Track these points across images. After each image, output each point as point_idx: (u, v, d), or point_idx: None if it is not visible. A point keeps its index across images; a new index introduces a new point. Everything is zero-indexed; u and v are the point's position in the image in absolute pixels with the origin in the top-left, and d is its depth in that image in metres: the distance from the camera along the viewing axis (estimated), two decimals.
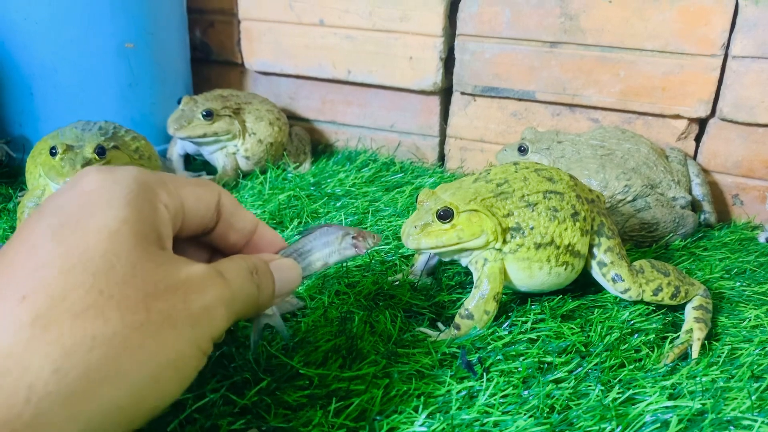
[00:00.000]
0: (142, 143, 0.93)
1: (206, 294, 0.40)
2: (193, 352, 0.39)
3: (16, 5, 0.98)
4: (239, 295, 0.44)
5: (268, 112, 1.12)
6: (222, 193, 0.48)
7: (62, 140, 0.83)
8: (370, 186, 1.07)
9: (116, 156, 0.84)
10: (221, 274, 0.42)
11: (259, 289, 0.46)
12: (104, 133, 0.87)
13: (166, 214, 0.42)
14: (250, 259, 0.47)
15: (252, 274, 0.46)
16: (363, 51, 1.14)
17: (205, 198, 0.47)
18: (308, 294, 0.74)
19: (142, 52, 1.07)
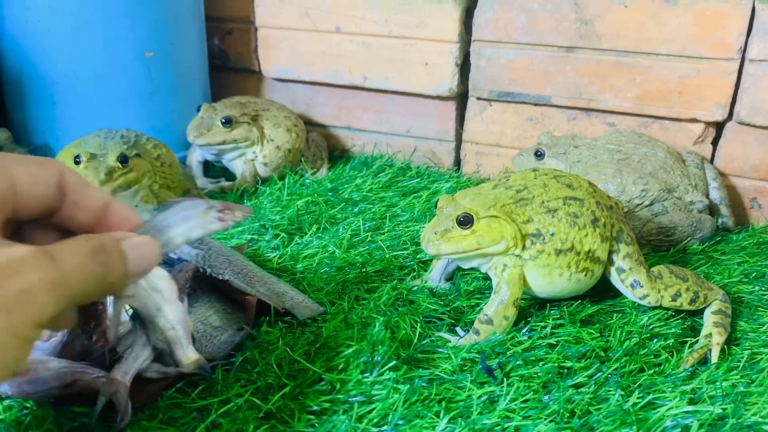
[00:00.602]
0: (163, 151, 0.94)
1: (25, 277, 0.37)
2: (10, 340, 0.37)
3: (39, 16, 1.00)
4: (74, 276, 0.40)
5: (285, 118, 1.13)
6: (65, 171, 0.45)
7: (85, 149, 0.84)
8: (386, 191, 1.08)
9: (138, 164, 0.86)
10: (50, 254, 0.39)
11: (105, 268, 0.43)
12: (126, 142, 0.88)
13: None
14: (96, 238, 0.44)
15: (95, 254, 0.42)
16: (379, 57, 1.15)
17: (43, 177, 0.44)
18: (328, 299, 0.75)
19: (161, 60, 1.08)
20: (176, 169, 0.96)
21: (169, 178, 0.94)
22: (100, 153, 0.83)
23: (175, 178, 0.96)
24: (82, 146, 0.87)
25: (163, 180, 0.92)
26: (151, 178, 0.89)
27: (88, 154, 0.82)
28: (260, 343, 0.66)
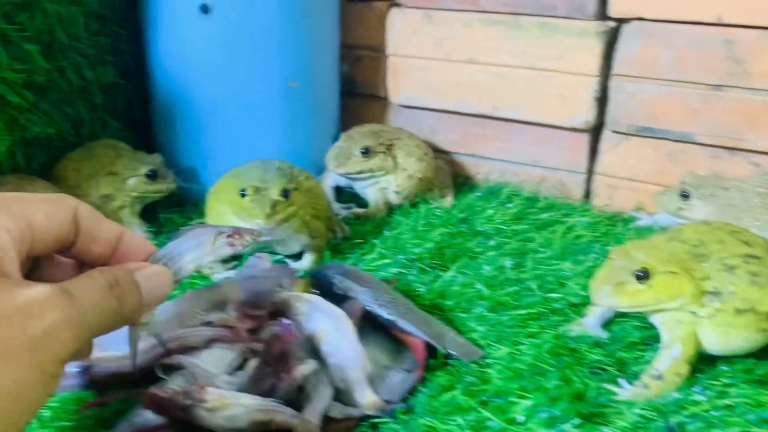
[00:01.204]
0: (313, 183, 0.97)
1: (47, 316, 0.38)
2: (37, 378, 0.38)
3: (194, 48, 1.05)
4: (91, 311, 0.41)
5: (416, 147, 1.15)
6: (79, 205, 0.46)
7: (249, 182, 0.87)
8: (519, 223, 1.08)
9: (296, 197, 0.89)
10: (68, 293, 0.40)
11: (120, 302, 0.43)
12: (284, 175, 0.91)
13: (8, 238, 0.40)
14: (110, 272, 0.44)
15: (111, 287, 0.43)
16: (512, 88, 1.15)
17: (58, 214, 0.45)
18: (486, 343, 0.76)
19: (303, 90, 1.12)
20: (324, 200, 0.99)
21: (319, 208, 0.97)
22: (263, 186, 0.87)
23: (323, 208, 0.99)
24: (244, 178, 0.90)
25: (314, 211, 0.95)
26: (305, 211, 0.92)
27: (253, 188, 0.85)
28: (430, 386, 0.68)
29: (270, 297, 0.74)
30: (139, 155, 1.06)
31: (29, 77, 0.97)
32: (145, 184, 1.03)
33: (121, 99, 1.18)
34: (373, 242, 0.99)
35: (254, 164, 0.95)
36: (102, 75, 1.10)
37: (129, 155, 1.06)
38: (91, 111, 1.12)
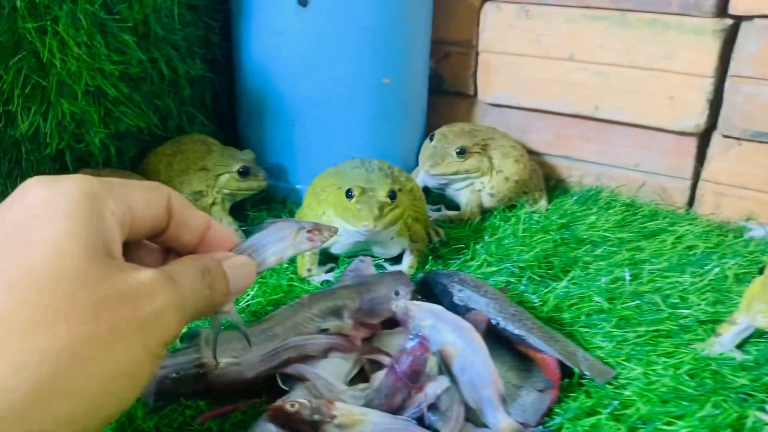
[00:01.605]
0: (413, 183, 0.93)
1: (156, 299, 0.40)
2: (146, 358, 0.40)
3: (289, 41, 1.02)
4: (190, 297, 0.44)
5: (512, 148, 1.10)
6: (172, 194, 0.48)
7: (355, 182, 0.83)
8: (623, 231, 1.02)
9: (401, 198, 0.85)
10: (171, 278, 0.42)
11: (211, 289, 0.46)
12: (386, 175, 0.87)
13: (114, 221, 0.42)
14: (202, 260, 0.47)
15: (204, 275, 0.45)
16: (615, 88, 1.09)
17: (155, 201, 0.47)
18: (615, 361, 0.71)
19: (395, 86, 1.08)
20: (424, 202, 0.95)
21: (420, 211, 0.92)
22: (369, 187, 0.83)
23: (423, 210, 0.94)
24: (346, 178, 0.86)
25: (415, 213, 0.91)
26: (409, 214, 0.87)
27: (360, 188, 0.81)
28: (568, 409, 0.63)
29: (386, 305, 0.70)
30: (231, 151, 1.03)
31: (125, 68, 0.95)
32: (236, 181, 1.00)
33: (208, 93, 1.15)
34: (475, 248, 0.94)
35: (353, 163, 0.92)
36: (191, 68, 1.08)
37: (220, 151, 1.03)
38: (179, 104, 1.10)
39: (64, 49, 0.86)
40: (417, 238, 0.91)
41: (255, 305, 0.80)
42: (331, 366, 0.66)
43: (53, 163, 0.93)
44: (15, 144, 0.88)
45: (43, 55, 0.84)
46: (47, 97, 0.87)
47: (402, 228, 0.88)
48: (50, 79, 0.86)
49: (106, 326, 0.37)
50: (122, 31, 0.93)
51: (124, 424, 0.59)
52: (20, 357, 0.34)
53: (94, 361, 0.37)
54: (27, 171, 0.90)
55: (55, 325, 0.35)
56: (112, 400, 0.39)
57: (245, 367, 0.65)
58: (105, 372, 0.37)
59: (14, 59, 0.82)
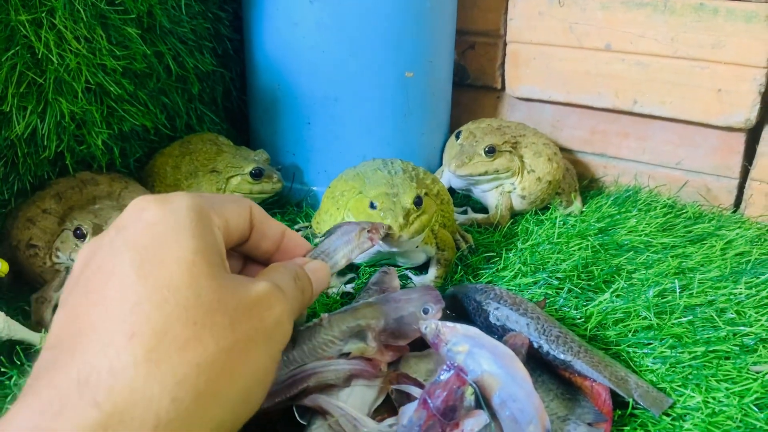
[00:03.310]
0: (439, 186, 0.86)
1: (275, 309, 0.44)
2: (271, 365, 0.44)
3: (305, 32, 0.94)
4: (294, 303, 0.47)
5: (545, 146, 1.02)
6: (252, 205, 0.51)
7: (377, 188, 0.76)
8: (666, 236, 0.94)
9: (427, 204, 0.77)
10: (280, 287, 0.46)
11: (303, 293, 0.50)
12: (411, 178, 0.80)
13: (220, 235, 0.45)
14: (291, 266, 0.51)
15: (296, 281, 0.49)
16: (657, 80, 1.01)
17: (242, 213, 0.50)
18: (670, 387, 0.63)
19: (419, 80, 1.00)
20: (449, 205, 0.87)
21: (447, 216, 0.85)
22: (392, 192, 0.75)
23: (451, 215, 0.87)
24: (368, 183, 0.79)
25: (442, 219, 0.84)
26: (436, 219, 0.80)
27: (383, 195, 0.74)
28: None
29: (415, 325, 0.63)
30: (243, 151, 0.96)
31: (129, 64, 0.88)
32: (249, 183, 0.93)
33: (219, 89, 1.09)
34: (507, 255, 0.87)
35: (374, 165, 0.84)
36: (201, 62, 1.01)
37: (231, 151, 0.96)
38: (188, 102, 1.03)
39: (61, 44, 0.79)
40: (444, 245, 0.83)
41: None
42: (354, 396, 0.59)
43: (52, 166, 0.87)
44: (10, 146, 0.82)
45: (39, 51, 0.77)
46: (44, 95, 0.81)
47: (429, 236, 0.81)
48: (47, 77, 0.80)
49: (242, 337, 0.41)
50: (125, 23, 0.86)
51: None
52: (182, 371, 0.37)
53: (236, 370, 0.40)
54: (24, 174, 0.84)
55: (204, 339, 0.39)
56: (248, 405, 0.43)
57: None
58: (245, 379, 0.41)
59: (7, 54, 0.76)
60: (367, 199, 0.75)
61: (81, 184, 0.82)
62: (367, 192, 0.76)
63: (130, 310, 0.38)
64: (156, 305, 0.38)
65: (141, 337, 0.37)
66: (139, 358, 0.37)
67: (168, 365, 0.37)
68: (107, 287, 0.39)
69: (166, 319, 0.38)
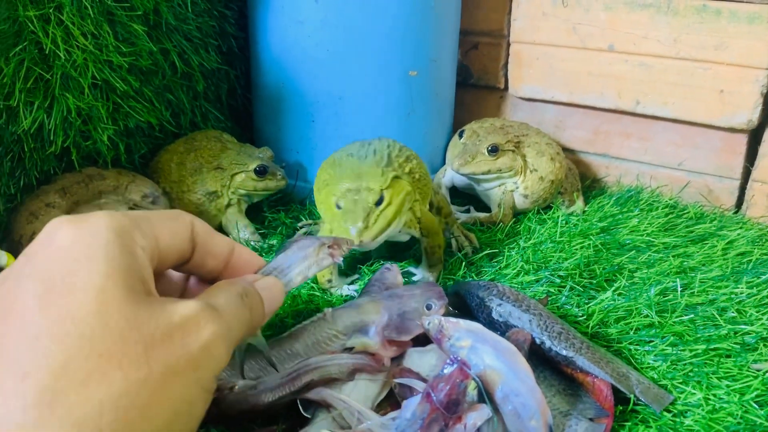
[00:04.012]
0: (413, 163, 0.82)
1: (202, 332, 0.40)
2: (200, 394, 0.40)
3: (311, 30, 0.95)
4: (234, 324, 0.43)
5: (547, 146, 1.03)
6: (195, 221, 0.48)
7: (341, 183, 0.74)
8: (667, 235, 0.95)
9: (396, 190, 0.74)
10: (214, 307, 0.42)
11: (252, 312, 0.46)
12: (379, 162, 0.77)
13: (145, 257, 0.41)
14: (238, 284, 0.47)
15: (242, 298, 0.45)
16: (659, 81, 1.02)
17: (180, 231, 0.46)
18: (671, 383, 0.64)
19: (423, 79, 1.01)
20: (426, 182, 0.84)
21: (423, 191, 0.82)
22: (355, 187, 0.73)
23: (426, 191, 0.84)
24: (338, 171, 0.77)
25: (419, 195, 0.81)
26: (410, 200, 0.77)
27: (346, 194, 0.72)
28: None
29: (417, 320, 0.63)
30: (247, 148, 0.97)
31: (135, 61, 0.88)
32: (253, 180, 0.94)
33: (223, 87, 1.09)
34: (509, 254, 0.87)
35: (351, 148, 0.82)
36: (206, 60, 1.01)
37: (236, 149, 0.97)
38: (193, 99, 1.04)
39: (69, 40, 0.80)
40: (427, 231, 0.81)
41: (273, 318, 0.73)
42: (357, 390, 0.59)
43: (58, 161, 0.87)
44: (17, 141, 0.82)
45: (46, 46, 0.78)
46: (51, 91, 0.81)
47: (411, 219, 0.79)
48: (54, 72, 0.80)
49: (158, 368, 0.37)
50: (131, 20, 0.86)
51: None
52: (81, 410, 0.34)
53: (151, 405, 0.36)
54: (30, 170, 0.85)
55: (109, 372, 0.35)
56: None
57: (262, 390, 0.58)
58: (163, 415, 0.37)
59: (15, 50, 0.77)
60: (334, 197, 0.74)
61: (87, 179, 0.83)
62: (334, 187, 0.74)
63: (27, 347, 0.34)
64: (56, 339, 0.35)
65: (35, 376, 0.33)
66: (29, 401, 0.33)
67: (64, 406, 0.33)
68: (7, 322, 0.36)
69: (67, 353, 0.34)
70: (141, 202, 0.81)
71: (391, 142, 0.83)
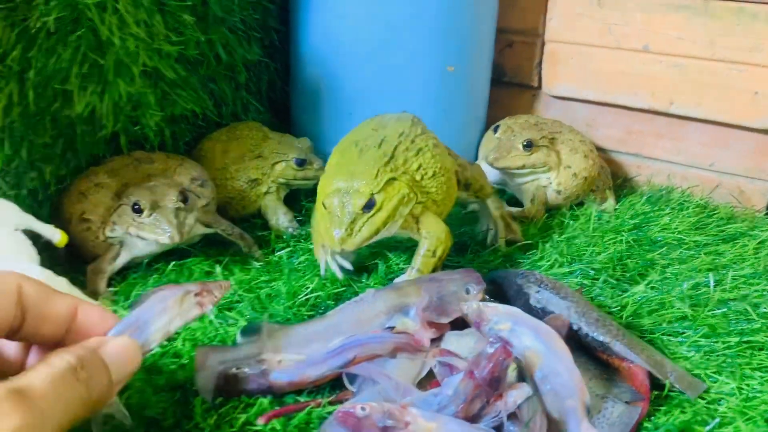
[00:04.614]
0: (425, 158, 0.77)
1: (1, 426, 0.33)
2: None
3: (353, 25, 0.97)
4: (55, 407, 0.36)
5: (581, 143, 1.04)
6: (24, 284, 0.42)
7: (333, 179, 0.71)
8: (699, 234, 0.96)
9: (390, 193, 0.71)
10: (19, 392, 0.35)
11: (88, 387, 0.39)
12: (381, 158, 0.73)
13: None
14: (73, 353, 0.40)
15: (76, 371, 0.39)
16: (694, 82, 1.03)
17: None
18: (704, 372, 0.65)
19: (460, 75, 1.03)
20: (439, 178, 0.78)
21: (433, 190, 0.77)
22: (345, 187, 0.69)
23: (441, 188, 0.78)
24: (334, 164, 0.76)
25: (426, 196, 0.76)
26: (409, 202, 0.73)
27: (334, 194, 0.70)
28: (659, 424, 0.58)
29: (456, 304, 0.65)
30: (287, 138, 1.00)
31: (183, 50, 0.91)
32: (293, 170, 0.96)
33: (264, 79, 1.12)
34: (543, 246, 0.89)
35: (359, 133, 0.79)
36: (248, 52, 1.04)
37: (276, 138, 0.99)
38: (234, 90, 1.07)
39: (123, 27, 0.83)
40: (429, 233, 0.75)
41: (314, 299, 0.76)
42: (398, 368, 0.61)
43: (107, 145, 0.91)
44: (70, 125, 0.85)
45: (103, 33, 0.81)
46: (104, 76, 0.84)
47: (409, 221, 0.75)
48: (108, 59, 0.83)
49: None
50: (181, 10, 0.89)
51: (182, 422, 0.56)
52: None
53: None
54: (81, 152, 0.88)
55: None
56: None
57: (309, 364, 0.61)
58: None
59: (73, 36, 0.80)
60: (322, 196, 0.72)
61: (136, 162, 0.86)
62: (326, 183, 0.72)
63: None
64: None
65: None
66: None
67: None
68: None
69: None
70: (189, 185, 0.84)
71: (408, 129, 0.78)
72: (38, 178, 0.86)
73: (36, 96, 0.80)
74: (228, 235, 0.86)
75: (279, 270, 0.83)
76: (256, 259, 0.86)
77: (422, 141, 0.78)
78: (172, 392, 0.60)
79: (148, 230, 0.76)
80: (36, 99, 0.80)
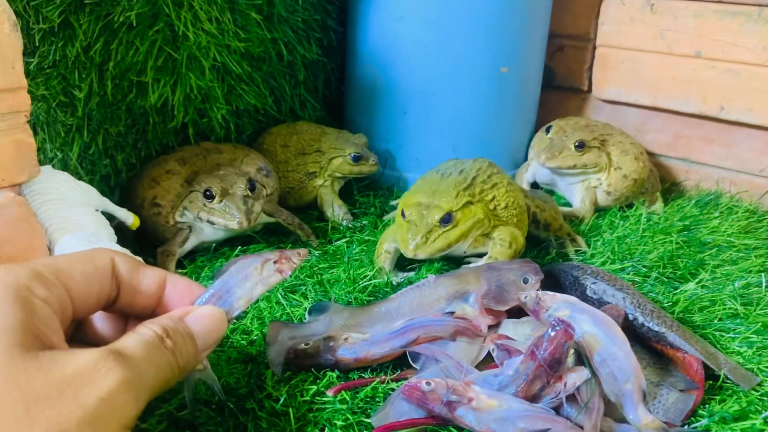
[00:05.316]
0: (499, 192, 0.82)
1: (102, 383, 0.36)
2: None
3: (409, 26, 1.01)
4: (148, 369, 0.39)
5: (632, 145, 1.06)
6: (117, 258, 0.45)
7: (414, 195, 0.78)
8: (749, 237, 0.97)
9: (466, 215, 0.76)
10: (119, 353, 0.38)
11: (175, 354, 0.42)
12: (460, 184, 0.79)
13: (47, 308, 0.39)
14: (158, 323, 0.43)
15: (163, 340, 0.42)
16: (746, 87, 1.04)
17: (95, 273, 0.44)
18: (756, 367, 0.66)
19: (512, 76, 1.05)
20: (511, 210, 0.82)
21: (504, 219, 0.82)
22: (425, 202, 0.76)
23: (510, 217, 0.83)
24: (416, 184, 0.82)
25: (498, 221, 0.81)
26: (482, 227, 0.79)
27: (414, 207, 0.76)
28: (713, 412, 0.59)
29: (514, 292, 0.68)
30: (344, 134, 1.03)
31: (249, 47, 0.96)
32: (349, 165, 1.00)
33: (321, 77, 1.16)
34: (595, 244, 0.91)
35: (444, 167, 0.85)
36: (308, 51, 1.08)
37: (333, 134, 1.03)
38: (293, 87, 1.11)
39: (196, 23, 0.87)
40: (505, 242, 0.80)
41: (372, 287, 0.79)
42: (458, 350, 0.64)
43: (176, 136, 0.95)
44: (143, 115, 0.90)
45: (179, 29, 0.85)
46: (177, 70, 0.89)
47: (479, 239, 0.80)
48: (181, 53, 0.88)
49: (46, 427, 0.33)
50: (250, 8, 0.94)
51: (254, 392, 0.59)
52: None
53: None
54: (152, 142, 0.93)
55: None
56: None
57: (373, 342, 0.64)
58: None
59: (151, 30, 0.84)
60: (404, 207, 0.77)
61: (204, 152, 0.90)
62: (409, 198, 0.78)
63: None
64: None
65: None
66: None
67: None
68: None
69: None
70: (256, 174, 0.88)
71: (486, 166, 0.84)
72: (111, 165, 0.91)
73: (114, 87, 0.85)
74: (288, 225, 0.90)
75: (337, 258, 0.86)
76: (314, 248, 0.89)
77: (497, 178, 0.84)
78: (243, 365, 0.63)
79: (218, 215, 0.80)
80: (113, 90, 0.85)
